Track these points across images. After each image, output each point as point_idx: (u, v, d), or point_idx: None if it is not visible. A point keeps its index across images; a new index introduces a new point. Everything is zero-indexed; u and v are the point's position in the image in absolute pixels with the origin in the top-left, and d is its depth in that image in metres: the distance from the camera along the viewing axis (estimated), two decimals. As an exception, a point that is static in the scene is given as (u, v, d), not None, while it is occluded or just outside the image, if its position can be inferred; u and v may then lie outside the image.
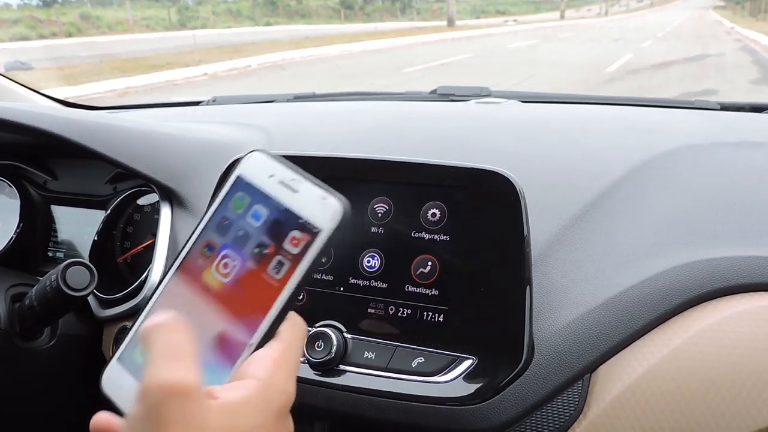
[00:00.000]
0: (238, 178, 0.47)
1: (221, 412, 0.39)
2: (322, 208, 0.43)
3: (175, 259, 0.48)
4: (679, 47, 15.30)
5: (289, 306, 0.44)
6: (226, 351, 0.44)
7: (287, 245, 0.44)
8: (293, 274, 0.43)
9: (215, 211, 0.47)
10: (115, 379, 0.47)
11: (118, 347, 0.48)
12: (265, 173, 0.46)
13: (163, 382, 0.38)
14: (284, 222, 0.44)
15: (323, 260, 0.44)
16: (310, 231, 0.43)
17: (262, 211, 0.45)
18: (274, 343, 0.44)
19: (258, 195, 0.46)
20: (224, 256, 0.45)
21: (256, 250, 0.45)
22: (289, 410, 0.44)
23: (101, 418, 0.46)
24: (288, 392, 0.43)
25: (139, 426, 0.38)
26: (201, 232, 0.47)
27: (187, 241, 0.48)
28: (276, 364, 0.43)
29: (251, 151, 0.48)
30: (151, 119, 1.24)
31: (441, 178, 0.72)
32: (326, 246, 0.43)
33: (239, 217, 0.46)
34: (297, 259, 0.43)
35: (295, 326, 0.45)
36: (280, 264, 0.44)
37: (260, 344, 0.43)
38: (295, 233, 0.44)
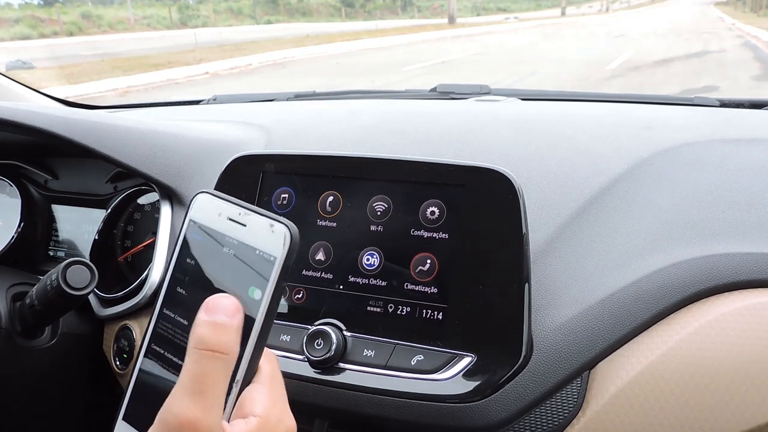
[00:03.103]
0: (192, 223, 0.49)
1: None
2: (271, 236, 0.45)
3: (155, 302, 0.49)
4: (680, 44, 15.28)
5: (263, 337, 0.45)
6: None
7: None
8: (259, 306, 0.44)
9: (178, 256, 0.49)
10: None
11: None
12: (214, 213, 0.48)
13: (182, 415, 0.39)
14: (243, 256, 0.45)
15: (283, 284, 0.44)
16: (267, 260, 0.44)
17: (220, 249, 0.47)
18: (262, 379, 0.45)
19: (212, 235, 0.47)
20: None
21: (225, 290, 0.46)
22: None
23: None
24: (286, 424, 0.45)
25: None
26: (170, 278, 0.48)
27: (161, 284, 0.49)
28: (270, 400, 0.44)
29: (197, 194, 0.49)
30: (152, 118, 1.24)
31: (440, 177, 0.72)
32: (283, 271, 0.44)
33: (201, 259, 0.47)
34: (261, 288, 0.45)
35: (272, 362, 0.47)
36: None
37: (245, 379, 0.45)
38: (253, 265, 0.45)
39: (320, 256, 0.75)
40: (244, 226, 0.46)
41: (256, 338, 0.44)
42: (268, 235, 0.45)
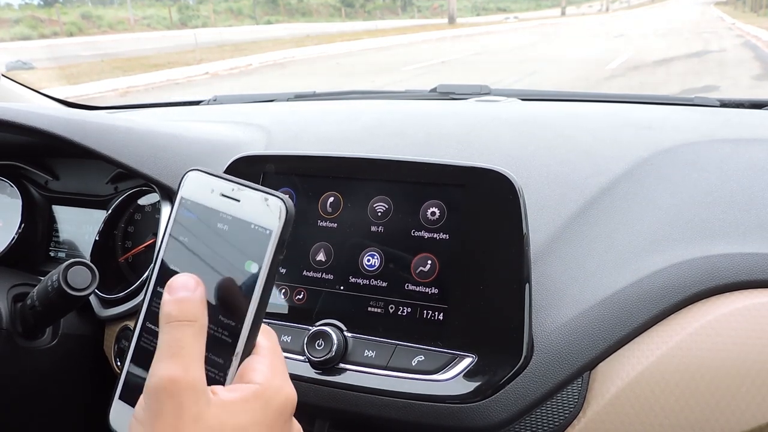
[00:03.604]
0: (183, 200, 0.48)
1: (218, 407, 0.42)
2: (266, 209, 0.45)
3: (147, 284, 0.49)
4: (680, 43, 15.28)
5: (261, 310, 0.45)
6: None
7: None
8: (257, 279, 0.45)
9: (169, 235, 0.48)
10: (121, 415, 0.48)
11: (121, 360, 0.49)
12: (206, 189, 0.47)
13: (163, 376, 0.41)
14: (238, 232, 0.46)
15: (280, 258, 0.45)
16: (263, 234, 0.45)
17: (213, 225, 0.47)
18: (263, 351, 0.46)
19: (205, 211, 0.47)
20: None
21: (220, 265, 0.46)
22: (293, 413, 0.46)
23: None
24: (287, 394, 0.45)
25: (142, 415, 0.42)
26: (163, 256, 0.48)
27: (153, 263, 0.49)
28: (270, 369, 0.45)
29: (187, 171, 0.49)
30: (152, 119, 1.24)
31: (440, 177, 0.72)
32: (279, 244, 0.45)
33: (194, 236, 0.47)
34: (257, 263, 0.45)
35: (271, 335, 0.48)
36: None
37: (244, 352, 0.45)
38: (249, 239, 0.45)
39: (321, 256, 0.76)
40: (238, 201, 0.46)
41: (254, 311, 0.45)
42: (263, 209, 0.45)
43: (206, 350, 0.44)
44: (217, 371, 0.45)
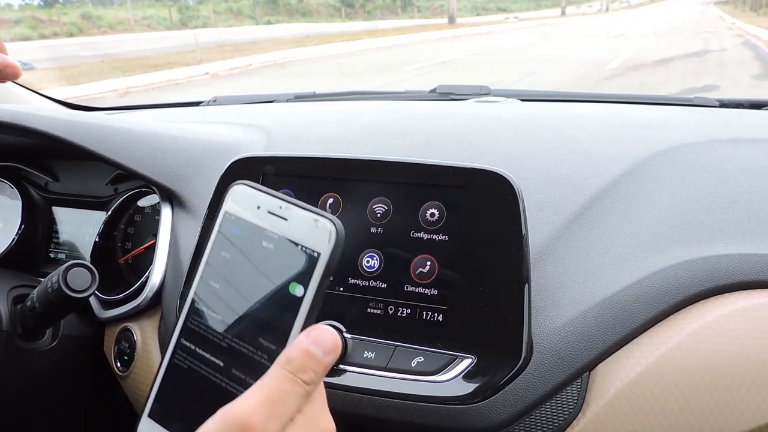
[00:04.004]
0: (227, 215, 0.46)
1: None
2: (315, 230, 0.43)
3: (186, 295, 0.47)
4: (680, 43, 15.27)
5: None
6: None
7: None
8: (302, 303, 0.43)
9: (212, 249, 0.47)
10: None
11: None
12: (252, 205, 0.46)
13: (246, 415, 0.40)
14: (284, 251, 0.44)
15: (327, 282, 0.43)
16: (310, 256, 0.43)
17: (258, 243, 0.45)
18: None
19: (250, 228, 0.45)
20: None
21: (263, 285, 0.44)
22: None
23: None
24: (324, 425, 0.44)
25: None
26: (203, 271, 0.47)
27: (192, 277, 0.47)
28: (311, 400, 0.43)
29: (233, 185, 0.47)
30: (152, 120, 1.24)
31: (440, 178, 0.72)
32: (328, 268, 0.43)
33: (237, 252, 0.45)
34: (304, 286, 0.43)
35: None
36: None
37: None
38: (296, 261, 0.43)
39: (320, 257, 0.75)
40: (286, 220, 0.44)
41: (297, 335, 0.43)
42: (312, 230, 0.43)
43: (244, 372, 0.43)
44: None
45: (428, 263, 0.71)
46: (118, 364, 0.94)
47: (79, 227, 1.14)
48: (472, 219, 0.70)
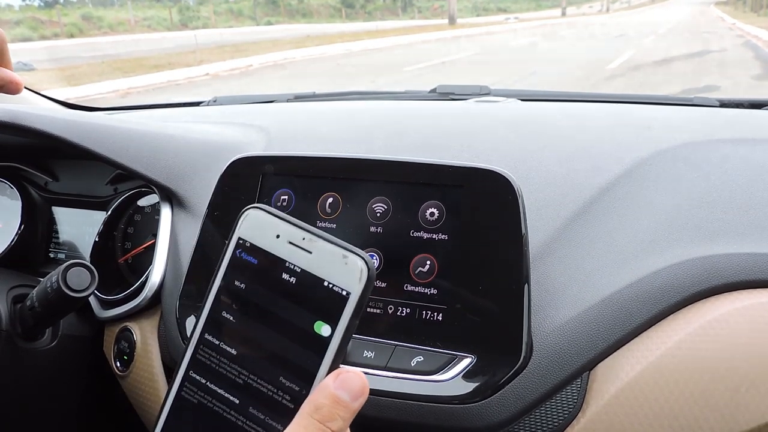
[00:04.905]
0: (240, 240, 0.43)
1: None
2: (344, 268, 0.40)
3: (194, 329, 0.45)
4: (680, 43, 15.27)
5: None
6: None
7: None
8: (329, 345, 0.40)
9: (224, 278, 0.44)
10: None
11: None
12: (270, 233, 0.42)
13: None
14: (307, 286, 0.41)
15: (356, 322, 0.41)
16: (338, 294, 0.40)
17: (277, 275, 0.42)
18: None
19: (267, 258, 0.42)
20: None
21: (283, 321, 0.42)
22: None
23: None
24: None
25: None
26: (213, 301, 0.44)
27: (202, 308, 0.44)
28: None
29: (247, 209, 0.44)
30: (152, 120, 1.24)
31: (439, 178, 0.72)
32: (358, 308, 0.40)
33: (252, 283, 0.43)
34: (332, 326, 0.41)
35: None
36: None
37: None
38: (321, 298, 0.40)
39: (320, 257, 0.75)
40: (310, 252, 0.41)
41: (323, 378, 0.40)
42: (340, 267, 0.40)
43: (263, 412, 0.41)
44: None
45: (428, 262, 0.71)
46: (118, 364, 0.94)
47: (79, 227, 1.14)
48: (472, 218, 0.70)
